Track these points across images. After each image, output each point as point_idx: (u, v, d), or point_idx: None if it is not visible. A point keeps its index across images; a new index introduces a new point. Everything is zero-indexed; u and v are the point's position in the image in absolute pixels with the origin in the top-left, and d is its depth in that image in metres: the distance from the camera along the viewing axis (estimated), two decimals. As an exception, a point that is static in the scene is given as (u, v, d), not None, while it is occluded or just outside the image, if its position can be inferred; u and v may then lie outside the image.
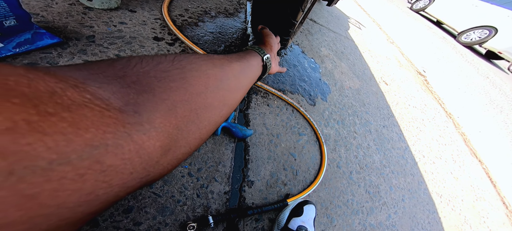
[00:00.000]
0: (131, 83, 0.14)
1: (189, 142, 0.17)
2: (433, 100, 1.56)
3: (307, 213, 0.51)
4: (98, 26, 0.55)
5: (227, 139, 0.56)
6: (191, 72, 0.18)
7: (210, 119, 0.20)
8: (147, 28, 0.63)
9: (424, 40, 3.17)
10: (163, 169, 0.16)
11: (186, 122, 0.17)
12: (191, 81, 0.18)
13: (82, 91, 0.11)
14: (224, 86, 0.22)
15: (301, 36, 1.23)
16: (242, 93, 0.27)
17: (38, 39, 0.46)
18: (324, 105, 0.89)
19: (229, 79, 0.23)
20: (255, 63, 0.32)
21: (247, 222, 0.47)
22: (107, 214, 0.34)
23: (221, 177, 0.49)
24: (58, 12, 0.53)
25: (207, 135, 0.20)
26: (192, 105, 0.17)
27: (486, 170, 1.29)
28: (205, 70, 0.20)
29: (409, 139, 1.07)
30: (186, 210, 0.41)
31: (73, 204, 0.10)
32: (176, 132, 0.16)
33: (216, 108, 0.21)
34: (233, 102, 0.24)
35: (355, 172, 0.74)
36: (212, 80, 0.20)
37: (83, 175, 0.10)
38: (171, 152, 0.16)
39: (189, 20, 0.76)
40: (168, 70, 0.17)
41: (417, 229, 0.75)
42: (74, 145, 0.10)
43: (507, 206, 1.14)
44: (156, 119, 0.14)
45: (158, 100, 0.15)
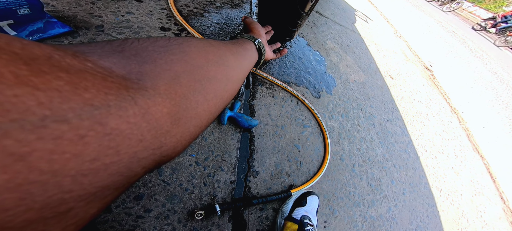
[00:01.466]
0: (131, 56, 0.13)
1: (198, 113, 0.17)
2: (439, 95, 1.48)
3: (311, 204, 0.50)
4: (106, 16, 0.53)
5: (233, 129, 0.54)
6: (189, 48, 0.18)
7: (215, 91, 0.19)
8: (154, 18, 0.60)
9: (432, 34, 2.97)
10: (177, 141, 0.15)
11: (192, 91, 0.16)
12: (191, 55, 0.17)
13: (82, 60, 0.10)
14: (224, 62, 0.21)
15: (307, 29, 1.17)
16: (243, 73, 0.26)
17: (50, 28, 0.44)
18: (328, 98, 0.85)
19: (227, 57, 0.23)
20: (249, 47, 0.31)
21: (252, 211, 0.46)
22: (119, 200, 0.33)
23: (227, 167, 0.48)
24: (68, 2, 0.51)
25: (215, 108, 0.19)
26: (195, 76, 0.17)
27: (487, 165, 1.25)
28: (203, 47, 0.19)
29: (413, 133, 1.02)
30: (193, 198, 0.40)
31: (75, 171, 0.09)
32: (183, 101, 0.15)
33: (220, 82, 0.20)
34: (235, 79, 0.23)
35: (358, 165, 0.72)
36: (212, 55, 0.20)
37: (84, 137, 0.09)
38: (182, 122, 0.15)
39: (194, 10, 0.72)
40: (167, 45, 0.16)
41: (416, 222, 0.73)
42: (72, 103, 0.09)
43: (504, 201, 1.10)
44: (160, 86, 0.13)
45: (160, 70, 0.14)
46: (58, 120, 0.08)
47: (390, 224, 0.67)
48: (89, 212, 0.10)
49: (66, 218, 0.09)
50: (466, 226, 0.85)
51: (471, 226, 0.86)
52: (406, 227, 0.70)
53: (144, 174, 0.13)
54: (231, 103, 0.58)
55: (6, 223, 0.07)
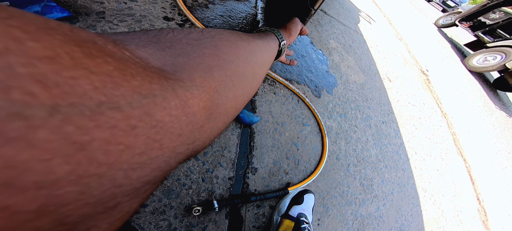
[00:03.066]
0: (166, 48, 0.12)
1: (227, 109, 0.15)
2: (432, 100, 1.43)
3: (307, 202, 0.47)
4: (108, 3, 0.47)
5: (234, 124, 0.50)
6: (221, 41, 0.16)
7: (243, 88, 0.18)
8: (157, 7, 0.53)
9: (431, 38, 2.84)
10: (207, 137, 0.13)
11: (223, 87, 0.15)
12: (223, 49, 0.16)
13: (121, 48, 0.09)
14: (253, 59, 0.20)
15: (311, 27, 1.09)
16: (265, 70, 0.24)
17: (48, 11, 0.39)
18: (328, 97, 0.81)
19: (255, 53, 0.21)
20: (273, 45, 0.28)
21: (249, 208, 0.43)
22: None
23: (226, 163, 0.44)
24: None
25: (241, 105, 0.18)
26: (227, 71, 0.15)
27: (468, 168, 1.24)
28: (234, 41, 0.18)
29: (405, 136, 0.99)
30: (191, 194, 0.37)
31: (126, 165, 0.08)
32: (216, 95, 0.14)
33: (248, 79, 0.19)
34: (260, 77, 0.22)
35: (353, 165, 0.69)
36: (242, 51, 0.18)
37: (135, 127, 0.08)
38: (213, 117, 0.13)
39: (199, 1, 0.65)
40: (199, 38, 0.15)
41: (401, 221, 0.73)
42: (123, 90, 0.08)
43: (480, 201, 1.11)
44: (196, 78, 0.12)
45: (193, 63, 0.13)
46: (113, 107, 0.07)
47: (378, 222, 0.66)
48: (132, 207, 0.09)
49: (113, 213, 0.08)
50: (444, 224, 0.85)
51: (448, 225, 0.87)
52: (392, 225, 0.69)
53: (176, 167, 0.12)
54: (233, 99, 0.54)
55: (64, 218, 0.06)
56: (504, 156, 1.67)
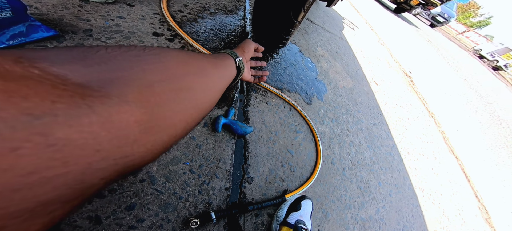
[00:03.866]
0: (94, 64, 0.13)
1: (174, 122, 0.17)
2: (418, 101, 1.63)
3: (305, 208, 0.52)
4: (95, 20, 0.52)
5: (228, 136, 0.55)
6: (167, 58, 0.18)
7: (194, 102, 0.20)
8: (146, 23, 0.60)
9: (411, 42, 3.26)
10: (147, 151, 0.14)
11: (167, 101, 0.16)
12: (168, 65, 0.18)
13: (27, 66, 0.10)
14: (204, 74, 0.22)
15: (298, 35, 1.23)
16: (221, 86, 0.27)
17: (33, 31, 0.42)
18: (319, 104, 0.90)
19: (207, 69, 0.23)
20: (228, 62, 0.33)
21: (247, 217, 0.47)
22: (109, 211, 0.32)
23: (222, 174, 0.49)
24: (53, 4, 0.49)
25: (191, 118, 0.20)
26: (172, 85, 0.17)
27: (462, 166, 1.37)
28: (182, 58, 0.20)
29: (396, 137, 1.11)
30: (188, 206, 0.40)
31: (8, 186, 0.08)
32: (157, 109, 0.15)
33: (198, 92, 0.20)
34: (214, 91, 0.24)
35: (348, 168, 0.76)
36: (191, 66, 0.20)
37: (16, 149, 0.08)
38: (154, 131, 0.15)
39: (188, 16, 0.73)
40: (140, 55, 0.16)
41: (403, 222, 0.79)
42: (3, 113, 0.08)
43: (479, 199, 1.21)
44: (128, 94, 0.13)
45: (129, 78, 0.14)
46: None
47: (379, 225, 0.71)
48: (29, 229, 0.09)
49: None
50: (447, 224, 0.92)
51: (452, 224, 0.94)
52: (394, 227, 0.75)
53: (105, 186, 0.13)
54: (226, 110, 0.59)
55: None
56: (494, 151, 1.88)
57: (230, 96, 0.64)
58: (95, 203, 0.32)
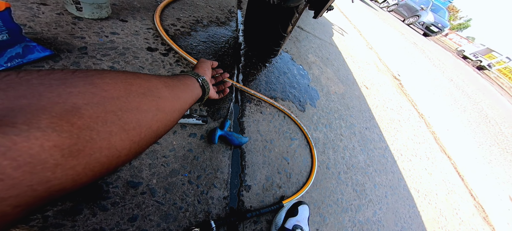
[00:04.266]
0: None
1: (113, 143, 0.17)
2: (407, 102, 1.76)
3: (302, 213, 0.56)
4: (89, 37, 0.56)
5: (224, 147, 0.59)
6: (102, 80, 0.18)
7: (140, 121, 0.20)
8: (140, 38, 0.64)
9: (397, 45, 3.52)
10: (77, 173, 0.15)
11: (101, 122, 0.16)
12: (103, 87, 0.18)
13: None
14: (154, 93, 0.23)
15: (290, 43, 1.32)
16: (180, 105, 0.28)
17: (29, 52, 0.45)
18: (312, 110, 0.97)
19: (159, 89, 0.24)
20: (189, 82, 0.34)
21: (247, 224, 0.50)
22: (113, 223, 0.35)
23: (220, 183, 0.52)
24: (46, 22, 0.52)
25: (139, 137, 0.20)
26: (107, 107, 0.17)
27: (454, 165, 1.45)
28: (124, 79, 0.21)
29: (388, 139, 1.19)
30: (188, 216, 0.43)
31: None
32: (86, 132, 0.15)
33: (147, 112, 0.21)
34: (169, 110, 0.25)
35: (343, 172, 0.82)
36: (136, 87, 0.21)
37: None
38: (85, 153, 0.15)
39: (181, 29, 0.79)
40: (67, 78, 0.17)
41: (400, 224, 0.84)
42: None
43: (474, 197, 1.29)
44: (42, 120, 0.13)
45: (45, 103, 0.14)
46: None
47: (377, 227, 0.76)
48: None
49: None
50: (445, 224, 0.98)
51: (450, 224, 0.99)
52: (392, 229, 0.80)
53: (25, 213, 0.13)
54: (221, 122, 0.64)
55: None
56: (486, 149, 2.03)
57: (225, 108, 0.68)
58: (99, 216, 0.34)
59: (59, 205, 0.33)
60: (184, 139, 0.53)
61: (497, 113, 3.90)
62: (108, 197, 0.37)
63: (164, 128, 0.24)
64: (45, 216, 0.32)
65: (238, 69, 0.85)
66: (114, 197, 0.38)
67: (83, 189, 0.36)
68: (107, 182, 0.38)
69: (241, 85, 0.76)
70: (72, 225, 0.33)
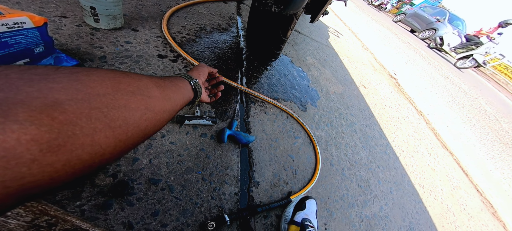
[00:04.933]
0: None
1: (97, 140, 0.17)
2: (405, 100, 1.81)
3: (310, 207, 0.59)
4: (107, 47, 0.60)
5: (233, 146, 0.63)
6: (88, 77, 0.18)
7: (127, 119, 0.20)
8: (151, 46, 0.69)
9: (392, 45, 3.63)
10: (56, 170, 0.14)
11: (85, 118, 0.16)
12: (89, 84, 0.18)
13: None
14: (144, 93, 0.23)
15: (288, 47, 1.38)
16: (171, 106, 0.28)
17: (59, 62, 0.50)
18: (313, 110, 1.01)
19: (149, 88, 0.24)
20: (181, 84, 0.34)
21: (257, 219, 0.53)
22: (138, 217, 0.38)
23: (231, 180, 0.55)
24: (69, 34, 0.57)
25: (126, 136, 0.20)
26: (92, 104, 0.17)
27: (457, 160, 1.47)
28: (113, 77, 0.20)
29: (389, 136, 1.23)
30: (203, 211, 0.46)
31: None
32: (69, 127, 0.15)
33: (136, 111, 0.21)
34: (160, 110, 0.25)
35: (347, 169, 0.85)
36: (124, 85, 0.21)
37: None
38: (65, 150, 0.15)
39: (187, 36, 0.84)
40: (49, 74, 0.16)
41: (408, 219, 0.85)
42: None
43: (481, 193, 1.30)
44: (19, 113, 0.13)
45: (24, 97, 0.14)
46: None
47: (385, 222, 0.78)
48: None
49: None
50: (453, 219, 0.99)
51: (458, 219, 1.01)
52: (400, 224, 0.82)
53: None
54: (229, 123, 0.68)
55: None
56: (487, 145, 2.07)
57: (231, 109, 0.72)
58: (126, 210, 0.37)
59: (92, 199, 0.36)
60: (196, 139, 0.57)
61: (496, 109, 3.98)
62: (133, 193, 0.40)
63: (152, 127, 0.24)
64: (82, 210, 0.35)
65: (241, 73, 0.90)
66: (138, 193, 0.41)
67: (113, 185, 0.39)
68: (132, 179, 0.42)
69: (245, 88, 0.81)
70: (105, 218, 0.36)
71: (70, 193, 0.35)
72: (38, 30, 0.41)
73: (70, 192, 0.35)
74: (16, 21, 0.38)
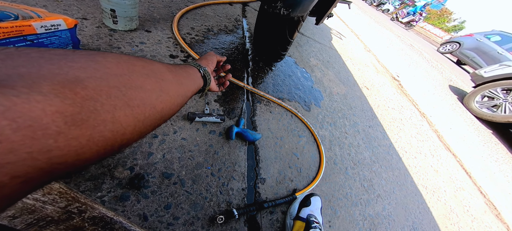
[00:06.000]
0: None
1: (117, 118, 0.17)
2: (408, 102, 1.81)
3: (314, 204, 0.60)
4: (124, 47, 0.63)
5: (240, 143, 0.65)
6: (105, 59, 0.19)
7: (144, 100, 0.20)
8: (163, 46, 0.71)
9: (395, 48, 3.62)
10: (81, 146, 0.14)
11: (106, 96, 0.16)
12: (106, 64, 0.18)
13: None
14: (157, 76, 0.23)
15: (292, 48, 1.40)
16: (183, 91, 0.28)
17: None
18: (317, 110, 1.02)
19: (163, 72, 0.24)
20: (191, 72, 0.34)
21: (264, 215, 0.54)
22: (152, 209, 0.40)
23: (238, 176, 0.57)
24: (90, 35, 0.60)
25: (144, 116, 0.20)
26: (110, 82, 0.17)
27: (460, 162, 1.46)
28: (127, 60, 0.21)
29: (392, 137, 1.24)
30: (212, 205, 0.48)
31: None
32: (90, 102, 0.15)
33: (151, 92, 0.21)
34: (174, 94, 0.25)
35: (350, 168, 0.86)
36: (139, 67, 0.21)
37: None
38: (89, 124, 0.14)
39: (196, 37, 0.87)
40: (67, 54, 0.16)
41: (411, 219, 0.85)
42: None
43: (484, 195, 1.29)
44: (43, 86, 0.13)
45: (45, 72, 0.14)
46: None
47: (388, 221, 0.79)
48: None
49: None
50: (457, 220, 0.99)
51: (462, 221, 1.01)
52: (402, 223, 0.82)
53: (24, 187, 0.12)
54: (236, 120, 0.70)
55: None
56: (491, 148, 2.05)
57: (238, 108, 0.74)
58: (142, 202, 0.39)
59: (112, 191, 0.38)
60: (205, 135, 0.59)
61: (500, 112, 3.92)
62: (148, 186, 0.42)
63: (168, 110, 0.24)
64: (103, 201, 0.37)
65: (247, 73, 0.92)
66: (153, 186, 0.42)
67: (130, 178, 0.41)
68: (147, 172, 0.43)
69: (251, 87, 0.83)
70: (123, 209, 0.38)
71: (92, 184, 0.37)
72: (69, 31, 0.44)
73: (93, 183, 0.37)
74: (53, 24, 0.40)
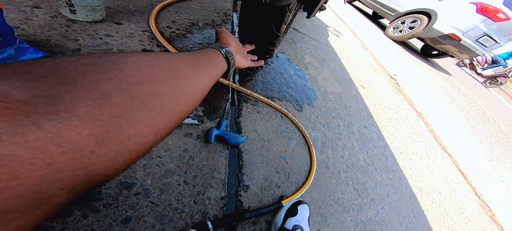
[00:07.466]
0: (40, 78, 0.14)
1: (140, 130, 0.18)
2: (405, 102, 1.78)
3: (302, 213, 0.56)
4: (83, 39, 0.56)
5: (221, 146, 0.59)
6: (127, 64, 0.19)
7: (163, 106, 0.20)
8: (135, 40, 0.65)
9: (392, 46, 3.61)
10: (110, 160, 0.16)
11: (129, 110, 0.17)
12: (128, 72, 0.18)
13: None
14: (176, 75, 0.23)
15: (286, 45, 1.35)
16: (203, 83, 0.28)
17: (21, 54, 0.46)
18: (310, 110, 0.98)
19: (181, 69, 0.24)
20: (213, 56, 0.33)
21: (245, 225, 0.49)
22: (105, 225, 0.34)
23: (217, 183, 0.52)
24: (40, 25, 0.53)
25: (164, 123, 0.21)
26: (133, 93, 0.18)
27: (455, 163, 1.46)
28: (147, 62, 0.21)
29: (387, 138, 1.20)
30: (184, 217, 0.42)
31: None
32: (116, 120, 0.16)
33: (170, 96, 0.21)
34: (192, 91, 0.25)
35: (343, 171, 0.82)
36: (158, 70, 0.21)
37: None
38: (115, 141, 0.16)
39: (177, 32, 0.80)
40: (94, 64, 0.17)
41: (405, 223, 0.83)
42: None
43: (479, 196, 1.28)
44: (79, 108, 0.14)
45: (81, 91, 0.15)
46: None
47: (381, 227, 0.75)
48: None
49: None
50: (451, 223, 0.97)
51: (456, 223, 0.99)
52: (396, 228, 0.79)
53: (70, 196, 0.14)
54: (218, 122, 0.64)
55: None
56: (486, 147, 2.05)
57: (221, 108, 0.69)
58: (90, 217, 0.34)
59: None
60: (179, 139, 0.53)
61: (495, 112, 3.97)
62: (100, 199, 0.36)
63: (187, 110, 0.24)
64: None
65: (234, 70, 0.87)
66: (107, 198, 0.37)
67: None
68: None
69: (237, 86, 0.77)
70: (62, 227, 0.32)
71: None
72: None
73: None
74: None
